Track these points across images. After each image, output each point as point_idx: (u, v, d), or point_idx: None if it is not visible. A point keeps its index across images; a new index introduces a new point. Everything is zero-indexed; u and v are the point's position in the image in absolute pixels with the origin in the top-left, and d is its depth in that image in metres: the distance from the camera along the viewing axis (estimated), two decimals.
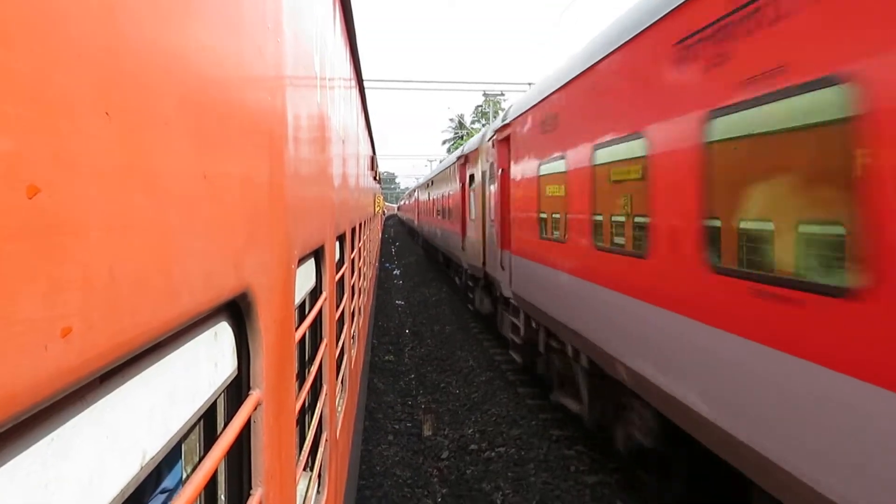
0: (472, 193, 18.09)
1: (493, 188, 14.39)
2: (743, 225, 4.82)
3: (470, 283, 19.98)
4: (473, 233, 17.90)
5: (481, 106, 74.16)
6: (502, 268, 13.70)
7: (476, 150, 17.16)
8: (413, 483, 9.63)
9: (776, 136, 4.40)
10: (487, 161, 15.24)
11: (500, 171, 13.50)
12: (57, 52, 0.73)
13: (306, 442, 2.92)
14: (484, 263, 16.17)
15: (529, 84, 34.15)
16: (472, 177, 18.05)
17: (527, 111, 11.29)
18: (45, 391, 0.70)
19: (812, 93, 4.02)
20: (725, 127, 4.86)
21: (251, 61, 1.70)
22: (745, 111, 4.59)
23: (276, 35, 1.99)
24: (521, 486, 9.16)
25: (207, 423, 1.66)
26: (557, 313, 9.55)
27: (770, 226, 4.57)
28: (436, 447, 10.93)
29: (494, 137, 14.10)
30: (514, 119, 12.11)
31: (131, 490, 1.02)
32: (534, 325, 11.59)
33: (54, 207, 0.71)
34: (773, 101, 4.29)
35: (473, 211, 17.83)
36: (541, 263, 10.53)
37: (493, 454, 10.30)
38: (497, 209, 13.91)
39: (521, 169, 11.69)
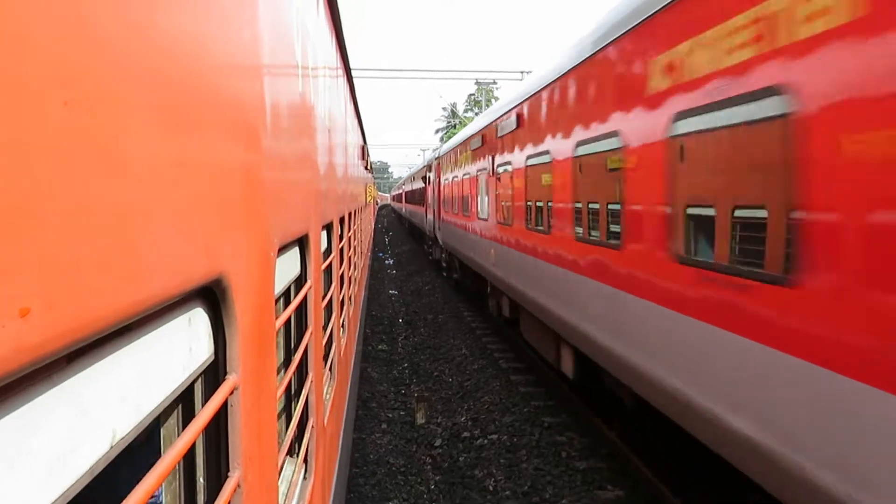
0: (428, 189, 31.46)
1: (434, 187, 28.10)
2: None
3: (430, 244, 33.43)
4: (429, 212, 30.68)
5: (474, 94, 73.96)
6: (438, 229, 26.64)
7: (430, 164, 30.46)
8: (406, 471, 9.70)
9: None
10: (433, 172, 28.67)
11: (437, 178, 26.88)
12: (12, 38, 0.75)
13: (290, 428, 2.95)
14: (432, 230, 29.60)
15: (523, 73, 34.08)
16: (429, 179, 30.85)
17: (443, 154, 24.92)
18: (4, 367, 0.72)
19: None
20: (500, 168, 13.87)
21: (225, 50, 1.71)
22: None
23: (251, 24, 2.00)
24: (514, 472, 9.23)
25: (185, 407, 1.68)
26: (453, 242, 21.89)
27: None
28: (429, 435, 10.99)
29: (435, 161, 27.84)
30: (440, 155, 26.01)
31: (101, 468, 1.04)
32: (447, 253, 24.97)
33: (10, 192, 0.73)
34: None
35: (430, 199, 30.73)
36: (447, 223, 23.17)
37: (485, 441, 10.37)
38: (436, 198, 27.16)
39: (442, 178, 25.02)
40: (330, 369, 5.13)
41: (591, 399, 10.46)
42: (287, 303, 3.08)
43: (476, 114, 63.19)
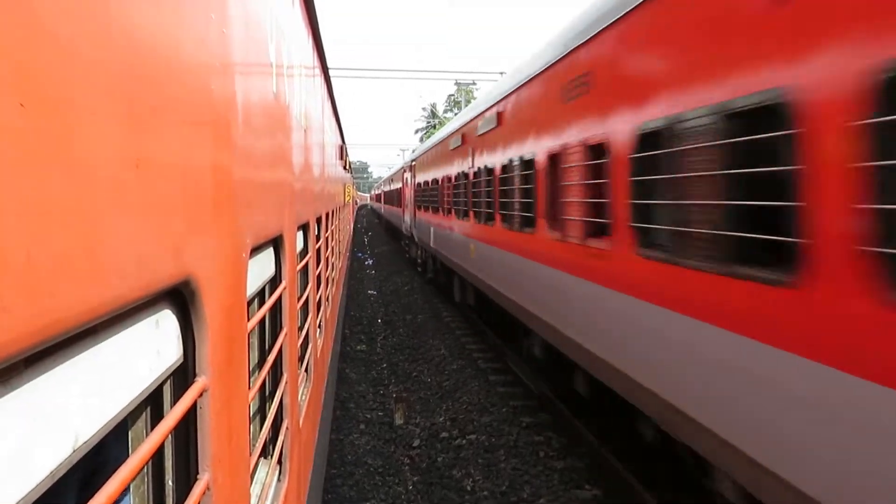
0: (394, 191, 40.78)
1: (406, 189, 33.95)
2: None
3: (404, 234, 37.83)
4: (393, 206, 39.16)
5: (453, 95, 73.98)
6: (405, 219, 32.77)
7: (394, 173, 36.07)
8: (384, 471, 9.68)
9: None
10: (390, 182, 37.57)
11: (404, 183, 32.77)
12: None
13: (264, 429, 2.93)
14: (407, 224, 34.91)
15: (501, 73, 34.55)
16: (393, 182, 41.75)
17: (386, 178, 51.43)
18: None
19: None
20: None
21: (194, 48, 1.70)
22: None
23: (222, 21, 1.99)
24: (492, 472, 9.25)
25: (154, 410, 1.67)
26: (415, 228, 28.52)
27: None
28: (407, 435, 10.98)
29: (407, 166, 32.07)
30: (380, 184, 48.26)
31: (63, 471, 1.03)
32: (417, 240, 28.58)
33: None
34: None
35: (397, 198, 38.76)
36: (419, 215, 27.33)
37: (463, 441, 10.38)
38: (403, 197, 33.99)
39: (387, 187, 49.00)
40: (306, 370, 5.10)
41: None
42: (261, 304, 3.06)
43: (455, 114, 63.17)
